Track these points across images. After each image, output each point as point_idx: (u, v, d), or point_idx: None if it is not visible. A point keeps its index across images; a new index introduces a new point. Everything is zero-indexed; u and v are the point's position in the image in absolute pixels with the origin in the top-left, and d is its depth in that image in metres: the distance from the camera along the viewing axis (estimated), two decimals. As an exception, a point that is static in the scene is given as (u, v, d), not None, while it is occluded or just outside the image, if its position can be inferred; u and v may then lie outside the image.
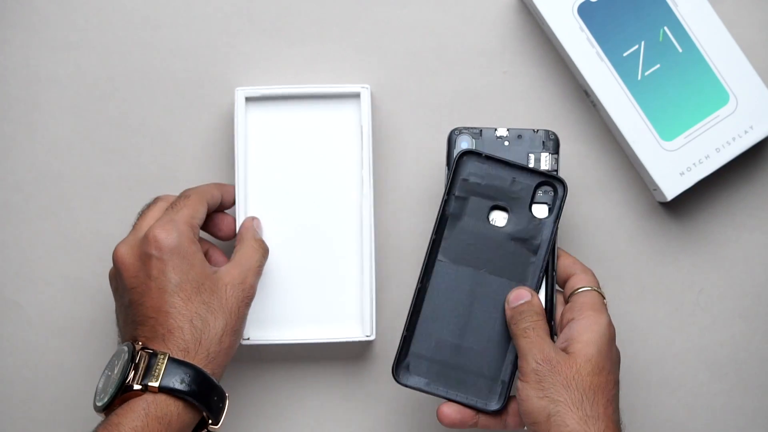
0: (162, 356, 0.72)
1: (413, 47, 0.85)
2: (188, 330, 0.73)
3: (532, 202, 0.79)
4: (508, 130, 0.80)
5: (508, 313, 0.77)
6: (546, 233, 0.79)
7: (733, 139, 0.81)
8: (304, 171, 0.83)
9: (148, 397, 0.71)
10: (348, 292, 0.82)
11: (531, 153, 0.80)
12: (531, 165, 0.80)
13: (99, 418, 0.73)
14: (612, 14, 0.81)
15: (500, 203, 0.79)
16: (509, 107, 0.85)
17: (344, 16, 0.85)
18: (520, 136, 0.80)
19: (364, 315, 0.81)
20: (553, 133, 0.80)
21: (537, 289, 0.78)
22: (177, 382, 0.71)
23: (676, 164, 0.81)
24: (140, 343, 0.73)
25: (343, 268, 0.82)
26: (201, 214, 0.78)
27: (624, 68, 0.81)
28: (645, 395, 0.85)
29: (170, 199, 0.79)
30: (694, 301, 0.85)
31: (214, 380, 0.73)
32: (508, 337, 0.78)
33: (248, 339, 0.81)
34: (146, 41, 0.85)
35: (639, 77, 0.81)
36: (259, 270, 0.78)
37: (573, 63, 0.82)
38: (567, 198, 0.78)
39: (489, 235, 0.79)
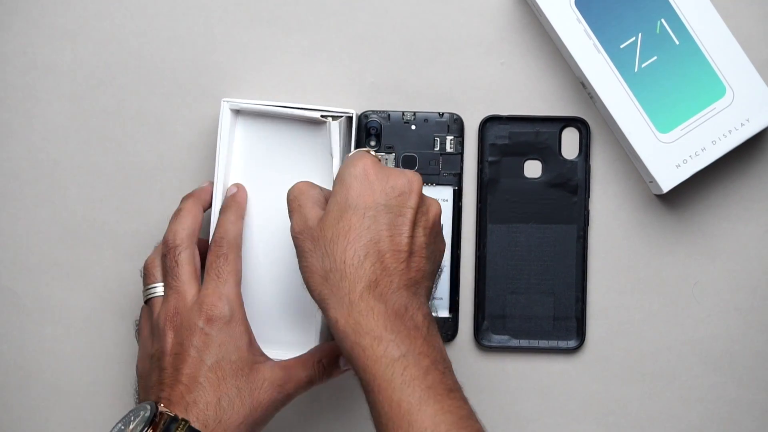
0: (183, 423, 0.71)
1: (410, 38, 0.85)
2: (213, 407, 0.73)
3: (560, 146, 0.83)
4: (414, 113, 0.84)
5: None
6: (580, 172, 0.83)
7: (730, 131, 0.81)
8: (283, 187, 0.78)
9: None
10: (314, 313, 0.80)
11: (437, 136, 0.84)
12: (437, 148, 0.83)
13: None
14: (609, 6, 0.81)
15: (531, 156, 0.83)
16: (506, 99, 0.85)
17: (341, 8, 0.85)
18: (426, 120, 0.84)
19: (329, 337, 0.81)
20: (458, 117, 0.84)
21: (585, 225, 0.83)
22: None
23: (672, 156, 0.81)
24: (162, 405, 0.73)
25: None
26: (241, 270, 0.78)
27: (621, 60, 0.81)
28: (639, 387, 0.85)
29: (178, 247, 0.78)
30: (689, 294, 0.85)
31: None
32: (571, 277, 0.83)
33: None
34: (144, 30, 0.85)
35: (636, 69, 0.81)
36: (299, 385, 0.77)
37: (570, 55, 0.82)
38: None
39: (528, 188, 0.84)
